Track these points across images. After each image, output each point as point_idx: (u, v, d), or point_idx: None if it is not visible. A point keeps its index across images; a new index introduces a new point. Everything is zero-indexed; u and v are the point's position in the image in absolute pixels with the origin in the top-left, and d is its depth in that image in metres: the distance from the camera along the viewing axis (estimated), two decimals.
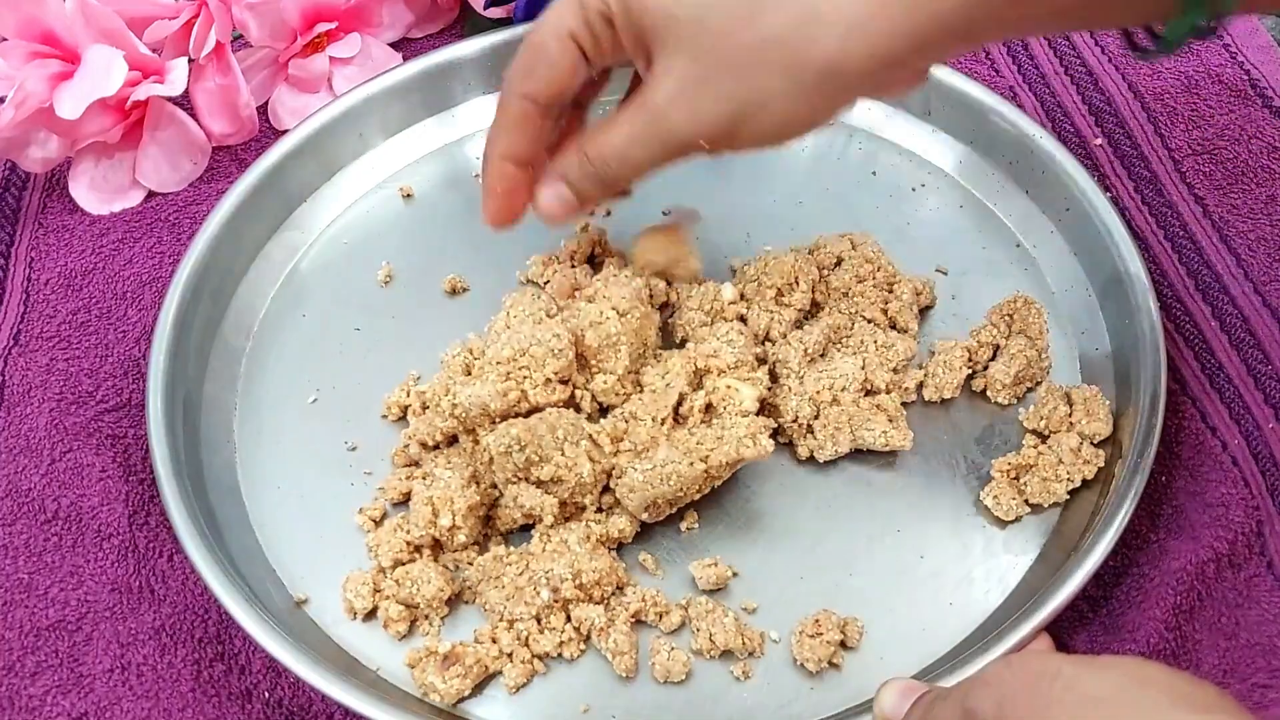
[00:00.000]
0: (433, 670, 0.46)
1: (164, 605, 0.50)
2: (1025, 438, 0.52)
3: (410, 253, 0.60)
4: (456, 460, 0.50)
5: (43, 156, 0.62)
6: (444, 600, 0.48)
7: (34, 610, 0.50)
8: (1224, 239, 0.59)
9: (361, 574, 0.49)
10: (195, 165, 0.64)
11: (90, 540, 0.52)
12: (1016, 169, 0.60)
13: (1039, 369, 0.54)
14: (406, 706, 0.46)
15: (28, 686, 0.48)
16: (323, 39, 0.66)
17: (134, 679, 0.48)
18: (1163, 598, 0.48)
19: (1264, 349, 0.55)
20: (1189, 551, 0.49)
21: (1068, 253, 0.58)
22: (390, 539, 0.49)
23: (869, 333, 0.54)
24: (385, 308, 0.58)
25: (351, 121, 0.62)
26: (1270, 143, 0.62)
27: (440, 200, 0.62)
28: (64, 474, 0.53)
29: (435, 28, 0.70)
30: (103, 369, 0.57)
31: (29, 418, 0.55)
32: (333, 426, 0.54)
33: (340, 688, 0.45)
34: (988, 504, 0.50)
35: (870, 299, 0.55)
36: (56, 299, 0.59)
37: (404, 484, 0.51)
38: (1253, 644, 0.47)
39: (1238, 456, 0.52)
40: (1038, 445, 0.52)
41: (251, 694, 0.48)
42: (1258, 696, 0.46)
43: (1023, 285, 0.57)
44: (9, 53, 0.60)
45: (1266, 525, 0.50)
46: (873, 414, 0.51)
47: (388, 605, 0.48)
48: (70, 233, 0.62)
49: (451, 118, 0.64)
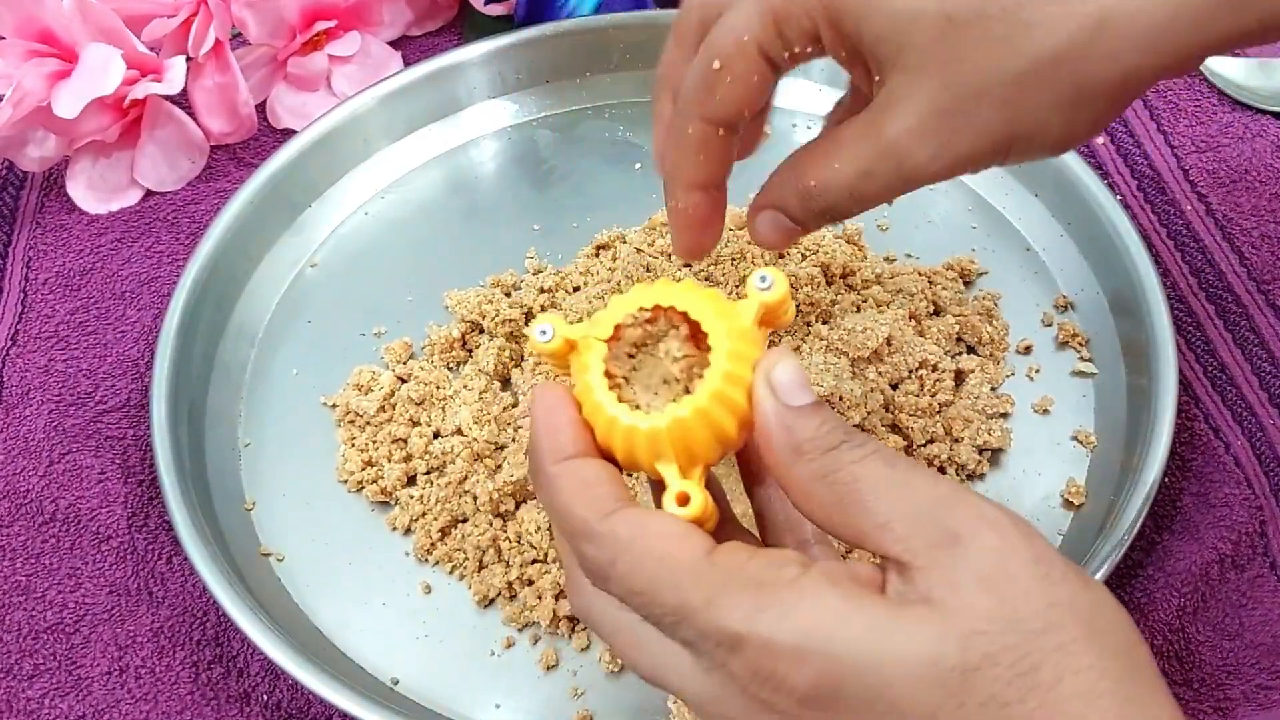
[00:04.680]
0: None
1: (162, 607, 0.50)
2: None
3: (415, 258, 0.60)
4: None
5: (40, 155, 0.62)
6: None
7: (32, 612, 0.50)
8: (1227, 238, 0.59)
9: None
10: (193, 164, 0.64)
11: (89, 542, 0.51)
12: (1026, 172, 0.59)
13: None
14: (406, 711, 0.46)
15: (25, 689, 0.48)
16: (322, 37, 0.66)
17: (132, 681, 0.48)
18: (1166, 598, 0.48)
19: (1268, 348, 0.55)
20: (1192, 552, 0.49)
21: (1078, 256, 0.58)
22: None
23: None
24: (390, 313, 0.58)
25: (356, 126, 0.62)
26: (1274, 141, 0.62)
27: (446, 205, 0.62)
28: (62, 475, 0.53)
29: (435, 25, 0.70)
30: (101, 369, 0.57)
31: (27, 419, 0.55)
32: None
33: (339, 691, 0.44)
34: None
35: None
36: (55, 299, 0.59)
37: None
38: (1256, 644, 0.47)
39: (1241, 457, 0.52)
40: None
41: (250, 697, 0.48)
42: (1261, 697, 0.46)
43: (1032, 289, 0.57)
44: (7, 51, 0.60)
45: (1270, 525, 0.50)
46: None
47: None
48: (68, 232, 0.62)
49: (456, 122, 0.64)
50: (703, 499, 0.32)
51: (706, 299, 0.34)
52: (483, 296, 0.56)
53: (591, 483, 0.33)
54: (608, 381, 0.33)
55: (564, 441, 0.33)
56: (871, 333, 0.51)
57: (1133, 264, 0.55)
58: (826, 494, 0.31)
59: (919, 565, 0.30)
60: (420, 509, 0.51)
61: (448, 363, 0.55)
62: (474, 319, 0.55)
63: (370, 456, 0.52)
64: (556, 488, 0.33)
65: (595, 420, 0.33)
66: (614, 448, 0.33)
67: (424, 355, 0.56)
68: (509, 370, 0.54)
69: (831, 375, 0.50)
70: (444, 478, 0.51)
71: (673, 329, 0.34)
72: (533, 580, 0.49)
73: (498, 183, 0.63)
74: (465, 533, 0.50)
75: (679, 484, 0.33)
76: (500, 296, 0.56)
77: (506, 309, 0.54)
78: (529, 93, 0.65)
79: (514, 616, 0.48)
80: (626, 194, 0.62)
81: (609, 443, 0.33)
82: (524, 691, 0.47)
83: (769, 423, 0.32)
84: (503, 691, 0.47)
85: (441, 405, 0.53)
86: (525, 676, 0.47)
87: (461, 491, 0.50)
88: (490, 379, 0.53)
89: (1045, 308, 0.57)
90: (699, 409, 0.32)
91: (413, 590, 0.50)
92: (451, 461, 0.51)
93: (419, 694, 0.47)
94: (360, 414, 0.53)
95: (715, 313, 0.33)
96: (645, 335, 0.34)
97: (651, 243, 0.56)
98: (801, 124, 0.64)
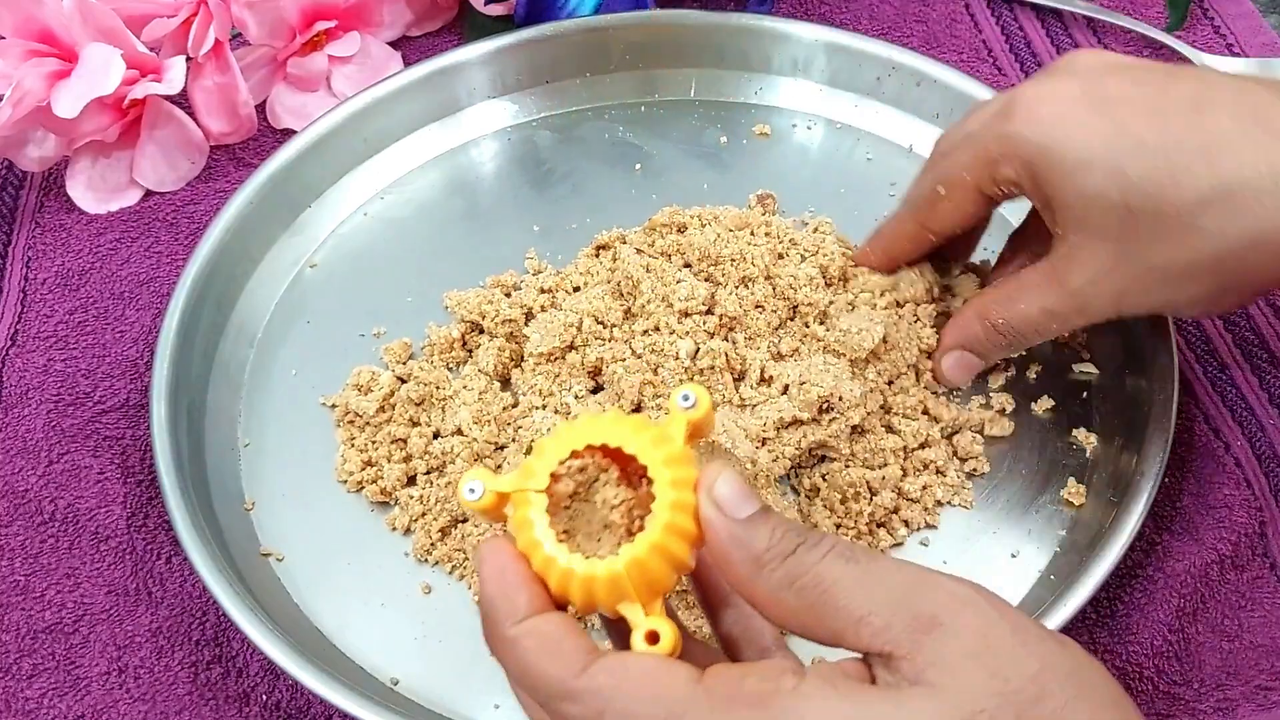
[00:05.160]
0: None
1: (161, 608, 0.50)
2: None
3: (415, 258, 0.60)
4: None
5: (40, 155, 0.62)
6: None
7: (30, 612, 0.49)
8: None
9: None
10: (193, 164, 0.64)
11: (87, 542, 0.51)
12: None
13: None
14: (406, 711, 0.46)
15: (24, 689, 0.48)
16: (322, 37, 0.66)
17: (131, 681, 0.48)
18: (1166, 599, 0.48)
19: (1268, 348, 0.55)
20: (1192, 553, 0.49)
21: None
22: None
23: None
24: (390, 314, 0.58)
25: (356, 126, 0.62)
26: None
27: (446, 205, 0.62)
28: (61, 475, 0.53)
29: (435, 26, 0.70)
30: (100, 369, 0.56)
31: (26, 419, 0.55)
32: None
33: (339, 691, 0.44)
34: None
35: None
36: (54, 299, 0.59)
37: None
38: (1256, 645, 0.47)
39: (1241, 458, 0.52)
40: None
41: (249, 697, 0.48)
42: (1261, 698, 0.46)
43: None
44: (6, 51, 0.60)
45: (1269, 526, 0.50)
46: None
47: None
48: (68, 232, 0.62)
49: (456, 123, 0.64)
50: (672, 633, 0.32)
51: (634, 429, 0.33)
52: (483, 297, 0.56)
53: (558, 638, 0.32)
54: (553, 532, 0.33)
55: (519, 603, 0.32)
56: (867, 333, 0.51)
57: None
58: (795, 600, 0.31)
59: (903, 654, 0.30)
60: (420, 509, 0.51)
61: (448, 363, 0.55)
62: (474, 319, 0.55)
63: (370, 457, 0.52)
64: (521, 649, 0.32)
65: (547, 573, 0.33)
66: (570, 598, 0.33)
67: (424, 355, 0.56)
68: (509, 370, 0.54)
69: (831, 376, 0.50)
70: (444, 478, 0.51)
71: (602, 473, 0.34)
72: None
73: (497, 183, 0.63)
74: (465, 533, 0.50)
75: (646, 622, 0.32)
76: (500, 297, 0.56)
77: (506, 309, 0.54)
78: (529, 93, 0.65)
79: None
80: (626, 194, 0.62)
81: (564, 593, 0.33)
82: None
83: (723, 541, 0.32)
84: (503, 691, 0.47)
85: (441, 405, 0.53)
86: None
87: None
88: (490, 379, 0.53)
89: None
90: (654, 544, 0.32)
91: (413, 590, 0.50)
92: (451, 461, 0.51)
93: (419, 694, 0.47)
94: (360, 414, 0.53)
95: (649, 442, 0.33)
96: (578, 485, 0.34)
97: (651, 243, 0.56)
98: (801, 124, 0.64)
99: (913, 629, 0.30)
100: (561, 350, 0.52)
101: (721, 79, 0.65)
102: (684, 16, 0.65)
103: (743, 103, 0.65)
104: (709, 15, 0.65)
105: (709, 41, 0.65)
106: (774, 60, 0.65)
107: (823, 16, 0.70)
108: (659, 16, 0.65)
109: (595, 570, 0.32)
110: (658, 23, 0.65)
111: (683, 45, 0.65)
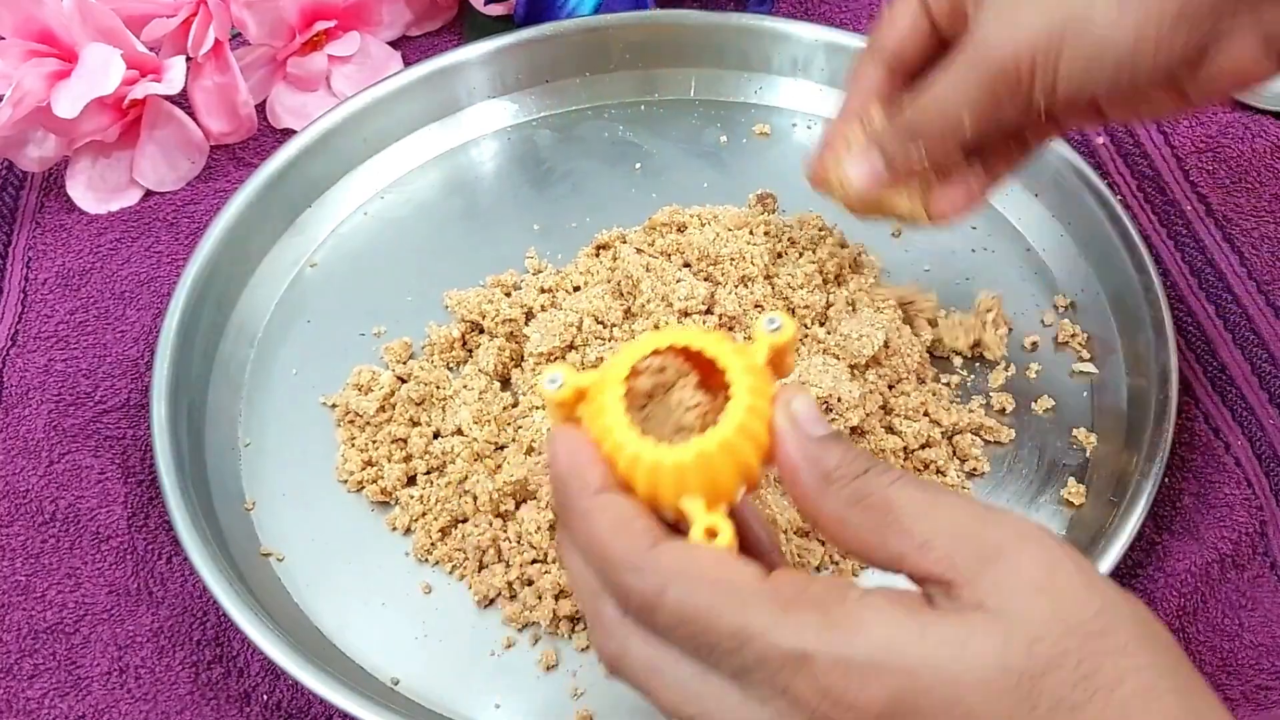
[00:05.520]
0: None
1: (162, 607, 0.50)
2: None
3: (415, 258, 0.60)
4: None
5: (40, 155, 0.62)
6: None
7: (31, 612, 0.49)
8: (1228, 238, 0.59)
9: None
10: (193, 164, 0.64)
11: (88, 542, 0.51)
12: (1026, 172, 0.59)
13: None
14: (406, 711, 0.46)
15: (25, 689, 0.48)
16: (321, 37, 0.66)
17: (132, 681, 0.48)
18: (1166, 599, 0.48)
19: (1268, 349, 0.55)
20: (1192, 552, 0.49)
21: (1078, 256, 0.58)
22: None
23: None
24: (390, 313, 0.58)
25: (356, 126, 0.62)
26: (1274, 142, 0.62)
27: (446, 205, 0.62)
28: (62, 475, 0.53)
29: (435, 25, 0.70)
30: (101, 369, 0.56)
31: (27, 419, 0.55)
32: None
33: (339, 691, 0.44)
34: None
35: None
36: (54, 299, 0.59)
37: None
38: (1256, 644, 0.47)
39: (1241, 457, 0.52)
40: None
41: (250, 697, 0.48)
42: (1260, 697, 0.46)
43: (1032, 289, 0.57)
44: (6, 51, 0.60)
45: (1270, 526, 0.50)
46: None
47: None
48: (68, 232, 0.62)
49: (456, 122, 0.64)
50: (731, 532, 0.32)
51: (718, 339, 0.34)
52: (483, 296, 0.56)
53: (630, 516, 0.32)
54: (628, 419, 0.33)
55: (592, 478, 0.33)
56: (868, 339, 0.51)
57: (1133, 264, 0.55)
58: (862, 519, 0.31)
59: (965, 580, 0.30)
60: (420, 509, 0.51)
61: (448, 363, 0.55)
62: (474, 319, 0.55)
63: (370, 456, 0.52)
64: (593, 521, 0.32)
65: (616, 459, 0.33)
66: (635, 485, 0.33)
67: (424, 355, 0.56)
68: (509, 370, 0.54)
69: (829, 377, 0.50)
70: (444, 478, 0.51)
71: (682, 378, 0.34)
72: (533, 580, 0.48)
73: (497, 183, 0.63)
74: (465, 533, 0.50)
75: (706, 518, 0.32)
76: (500, 296, 0.56)
77: (506, 309, 0.54)
78: (529, 93, 0.65)
79: (514, 616, 0.48)
80: (626, 194, 0.62)
81: (630, 480, 0.33)
82: (524, 691, 0.47)
83: (794, 454, 0.32)
84: (503, 691, 0.47)
85: (441, 405, 0.53)
86: (525, 676, 0.47)
87: (461, 491, 0.50)
88: (490, 379, 0.53)
89: (1045, 308, 0.57)
90: (724, 441, 0.32)
91: (413, 590, 0.50)
92: (451, 461, 0.51)
93: (419, 694, 0.47)
94: (360, 414, 0.53)
95: (731, 351, 0.33)
96: (656, 385, 0.34)
97: (651, 242, 0.56)
98: (801, 124, 0.64)
99: (977, 558, 0.30)
100: (562, 350, 0.52)
101: (721, 79, 0.65)
102: (684, 16, 0.65)
103: (742, 102, 0.65)
104: (709, 15, 0.65)
105: (709, 41, 0.65)
106: (774, 60, 0.65)
107: (823, 16, 0.70)
108: (659, 16, 0.65)
109: (663, 457, 0.32)
110: (658, 23, 0.65)
111: (683, 45, 0.65)
